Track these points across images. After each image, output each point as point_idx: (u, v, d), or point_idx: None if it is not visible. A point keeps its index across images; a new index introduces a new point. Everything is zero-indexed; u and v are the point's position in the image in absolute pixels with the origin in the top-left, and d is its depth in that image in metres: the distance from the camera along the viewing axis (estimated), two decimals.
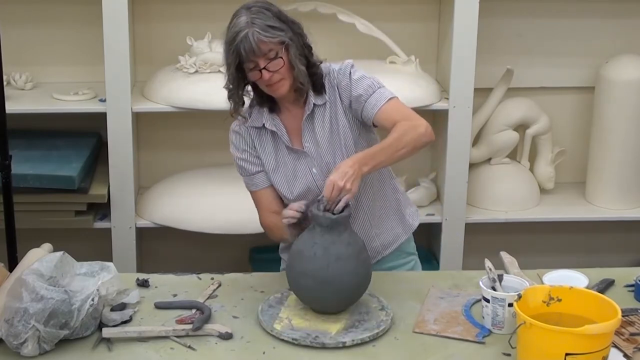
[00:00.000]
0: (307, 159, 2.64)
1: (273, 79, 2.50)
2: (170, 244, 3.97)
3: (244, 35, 2.45)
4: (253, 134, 2.67)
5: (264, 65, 2.48)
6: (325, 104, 2.61)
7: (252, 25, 2.45)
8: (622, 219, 3.97)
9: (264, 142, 2.66)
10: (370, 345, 2.34)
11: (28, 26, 3.78)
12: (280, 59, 2.48)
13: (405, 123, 2.50)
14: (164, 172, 3.89)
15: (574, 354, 2.09)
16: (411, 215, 2.83)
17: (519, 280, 2.47)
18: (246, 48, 2.45)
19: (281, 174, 2.66)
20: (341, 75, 2.61)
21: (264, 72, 2.49)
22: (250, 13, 2.48)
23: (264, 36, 2.45)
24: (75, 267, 2.41)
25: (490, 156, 3.95)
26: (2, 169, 2.99)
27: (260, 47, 2.45)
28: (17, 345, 2.24)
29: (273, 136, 2.65)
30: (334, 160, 2.61)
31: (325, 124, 2.62)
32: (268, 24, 2.47)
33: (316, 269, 2.36)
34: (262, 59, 2.47)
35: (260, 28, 2.45)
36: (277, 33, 2.47)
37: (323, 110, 2.61)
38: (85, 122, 3.80)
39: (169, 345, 2.32)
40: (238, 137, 2.70)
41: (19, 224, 3.11)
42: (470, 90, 3.65)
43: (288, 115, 2.64)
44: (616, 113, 3.83)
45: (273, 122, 2.63)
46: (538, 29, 3.95)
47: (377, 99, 2.56)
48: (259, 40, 2.45)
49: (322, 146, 2.62)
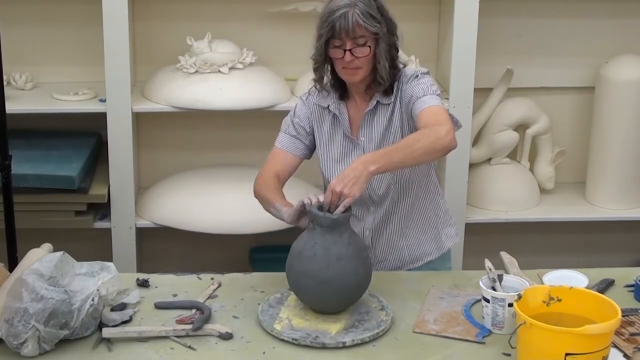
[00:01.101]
0: (358, 151, 2.67)
1: (352, 64, 2.54)
2: (170, 244, 3.97)
3: (343, 12, 2.48)
4: (315, 110, 2.72)
5: (350, 47, 2.52)
6: (390, 104, 2.64)
7: (354, 6, 2.49)
8: (622, 219, 3.97)
9: (322, 121, 2.71)
10: (370, 345, 2.34)
11: (28, 26, 3.78)
12: (367, 48, 2.53)
13: (430, 126, 2.48)
14: (164, 172, 3.89)
15: (574, 354, 2.09)
16: (448, 236, 2.83)
17: (519, 280, 2.47)
18: (341, 25, 2.49)
19: (331, 153, 2.71)
20: (407, 78, 2.63)
21: (347, 54, 2.52)
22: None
23: (362, 20, 2.49)
24: (75, 267, 2.41)
25: (490, 156, 3.95)
26: (2, 169, 2.99)
27: (355, 29, 2.49)
28: (17, 345, 2.24)
29: (334, 119, 2.69)
30: None
31: (383, 122, 2.65)
32: (369, 12, 2.51)
33: (316, 269, 2.36)
34: (351, 41, 2.51)
35: (361, 12, 2.49)
36: (375, 23, 2.51)
37: (385, 109, 2.65)
38: (85, 122, 3.80)
39: (169, 345, 2.32)
40: (301, 104, 2.75)
41: (19, 224, 3.11)
42: (470, 90, 3.65)
43: (354, 105, 2.69)
44: (616, 113, 3.83)
45: (338, 106, 2.68)
46: (538, 29, 3.95)
47: (424, 102, 2.56)
48: (356, 23, 2.49)
49: (374, 143, 2.66)
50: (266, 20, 3.81)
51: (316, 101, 2.72)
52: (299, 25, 3.79)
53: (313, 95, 2.73)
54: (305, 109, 2.74)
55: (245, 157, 3.91)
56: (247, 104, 3.57)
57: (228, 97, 3.54)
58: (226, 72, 3.60)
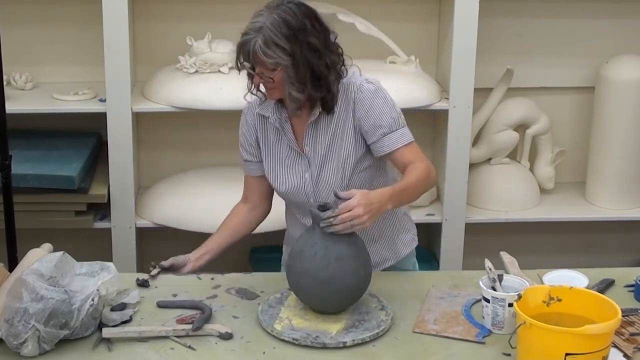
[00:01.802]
0: (303, 162, 2.63)
1: (266, 85, 2.50)
2: (170, 244, 3.95)
3: (248, 38, 2.41)
4: (257, 121, 2.67)
5: (258, 71, 2.47)
6: (334, 114, 2.57)
7: (260, 32, 2.40)
8: (622, 219, 3.97)
9: (267, 131, 2.66)
10: (370, 345, 2.34)
11: (28, 26, 3.78)
12: (271, 77, 2.45)
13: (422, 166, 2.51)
14: (164, 172, 3.89)
15: (574, 354, 2.09)
16: (404, 243, 2.79)
17: (519, 280, 2.47)
18: (245, 51, 2.44)
19: (276, 166, 2.66)
20: (363, 94, 2.54)
21: (256, 77, 2.48)
22: (269, 16, 2.41)
23: (261, 52, 2.40)
24: (75, 267, 2.41)
25: (490, 156, 3.95)
26: (2, 169, 2.99)
27: (254, 57, 2.43)
28: (17, 345, 2.24)
29: (276, 128, 2.64)
30: (327, 171, 2.60)
31: (328, 133, 2.59)
32: (274, 40, 2.40)
33: (316, 269, 2.36)
34: (259, 65, 2.45)
35: (264, 41, 2.40)
36: (279, 54, 2.41)
37: (329, 119, 2.58)
38: (85, 122, 3.79)
39: (169, 345, 2.32)
40: (243, 120, 2.71)
41: (19, 224, 3.11)
42: (470, 90, 3.65)
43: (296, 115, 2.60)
44: (616, 113, 3.83)
45: (280, 117, 2.61)
46: (538, 29, 3.95)
47: (397, 139, 2.54)
48: (254, 53, 2.42)
49: (319, 154, 2.60)
50: None
51: (258, 110, 2.64)
52: None
53: (254, 105, 2.66)
54: (247, 125, 2.68)
55: None
56: None
57: (228, 97, 3.54)
58: (226, 72, 3.60)
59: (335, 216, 2.33)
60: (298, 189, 2.64)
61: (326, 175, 2.61)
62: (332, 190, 2.48)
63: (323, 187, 2.62)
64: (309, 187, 2.62)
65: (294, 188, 2.64)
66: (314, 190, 2.63)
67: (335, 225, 2.33)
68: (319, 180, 2.62)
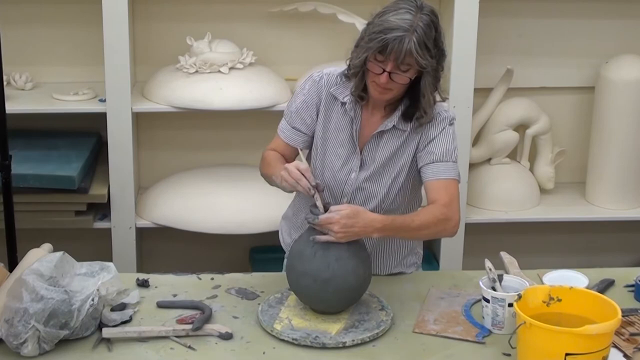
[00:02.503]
0: (356, 161, 2.58)
1: (387, 85, 2.42)
2: (170, 244, 3.97)
3: (400, 36, 2.33)
4: (326, 98, 2.59)
5: (390, 70, 2.39)
6: (405, 132, 2.54)
7: (413, 31, 2.34)
8: (622, 219, 3.97)
9: (331, 111, 2.58)
10: (370, 345, 2.34)
11: (28, 26, 3.77)
12: (407, 78, 2.40)
13: (441, 211, 2.46)
14: (164, 172, 3.89)
15: (574, 354, 2.09)
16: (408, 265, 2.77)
17: (519, 280, 2.47)
18: (394, 48, 2.34)
19: (329, 149, 2.59)
20: (437, 122, 2.53)
21: (384, 75, 2.39)
22: (419, 17, 2.37)
23: (416, 51, 2.34)
24: (75, 267, 2.41)
25: (490, 156, 3.95)
26: (2, 169, 2.99)
27: (405, 57, 2.35)
28: (17, 345, 2.24)
29: (344, 115, 2.57)
30: (375, 183, 2.58)
31: (391, 148, 2.56)
32: (426, 42, 2.36)
33: (316, 269, 2.36)
34: (394, 64, 2.37)
35: (418, 40, 2.34)
36: (427, 56, 2.37)
37: (397, 134, 2.55)
38: (85, 122, 3.79)
39: (169, 345, 2.32)
40: (311, 86, 2.60)
41: (19, 224, 3.11)
42: (470, 90, 3.65)
43: (367, 113, 2.57)
44: (616, 113, 3.83)
45: (354, 107, 2.55)
46: (538, 29, 3.95)
47: (443, 170, 2.51)
48: (408, 51, 2.34)
49: (376, 162, 2.57)
50: (266, 20, 3.81)
51: (333, 90, 2.56)
52: (299, 25, 3.80)
53: (328, 79, 2.58)
54: (315, 93, 2.59)
55: (245, 157, 3.90)
56: (247, 104, 3.57)
57: (228, 97, 3.54)
58: (226, 72, 3.60)
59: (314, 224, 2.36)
60: (338, 183, 2.60)
61: (371, 185, 2.58)
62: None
63: (362, 194, 2.59)
64: (349, 186, 2.59)
65: (335, 179, 2.60)
66: (353, 193, 2.60)
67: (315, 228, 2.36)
68: (363, 186, 2.59)
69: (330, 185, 2.61)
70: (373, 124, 2.57)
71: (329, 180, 2.60)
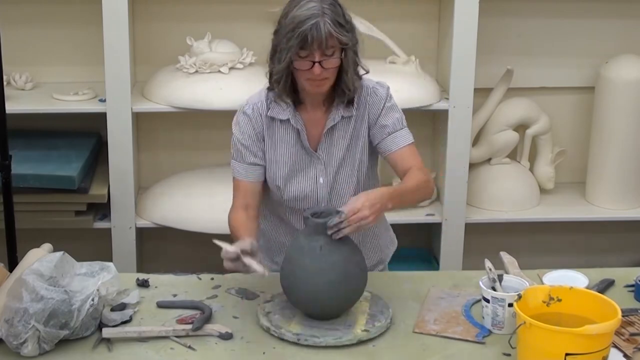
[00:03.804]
0: (319, 166, 2.58)
1: (321, 74, 2.40)
2: (170, 244, 3.97)
3: (314, 22, 2.33)
4: (265, 123, 2.57)
5: (319, 59, 2.37)
6: (351, 117, 2.54)
7: (323, 15, 2.34)
8: (622, 219, 3.97)
9: (275, 133, 2.57)
10: (370, 345, 2.33)
11: (28, 26, 3.78)
12: (336, 59, 2.40)
13: (423, 174, 2.51)
14: (164, 172, 3.89)
15: (574, 354, 2.08)
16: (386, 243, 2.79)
17: (519, 280, 2.47)
18: (314, 36, 2.33)
19: (284, 169, 2.58)
20: (376, 97, 2.55)
21: (316, 66, 2.37)
22: (322, 2, 2.37)
23: (334, 30, 2.34)
24: (75, 267, 2.40)
25: (490, 156, 3.95)
26: (2, 169, 3.00)
27: (327, 40, 2.34)
28: (17, 345, 2.24)
29: (287, 131, 2.55)
30: (343, 175, 2.58)
31: (346, 138, 2.56)
32: (338, 20, 2.37)
33: (310, 276, 2.32)
34: (320, 52, 2.37)
35: (332, 21, 2.35)
36: (344, 33, 2.38)
37: (347, 123, 2.55)
38: (85, 122, 3.80)
39: (169, 345, 2.32)
40: (247, 121, 2.58)
41: (19, 224, 3.11)
42: (470, 90, 3.65)
43: (307, 114, 2.55)
44: (616, 113, 3.83)
45: (296, 119, 2.54)
46: (538, 29, 3.95)
47: (400, 138, 2.54)
48: (328, 33, 2.34)
49: (335, 158, 2.57)
50: (266, 20, 3.79)
51: (269, 113, 2.54)
52: None
53: (260, 107, 2.55)
54: (251, 126, 2.56)
55: None
56: None
57: (228, 97, 3.54)
58: (226, 72, 3.60)
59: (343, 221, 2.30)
60: (310, 194, 2.59)
61: (341, 180, 2.58)
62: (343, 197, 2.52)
63: (337, 191, 2.59)
64: (322, 191, 2.59)
65: (305, 193, 2.59)
66: (328, 195, 2.59)
67: (343, 229, 2.31)
68: (335, 184, 2.59)
69: (300, 200, 2.59)
70: (318, 123, 2.55)
71: (299, 196, 2.59)
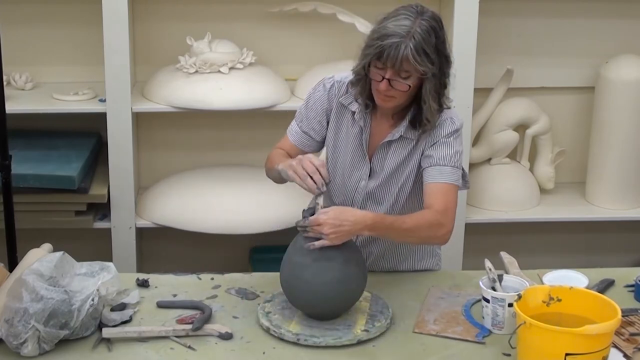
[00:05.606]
0: (366, 170, 2.57)
1: (388, 92, 2.40)
2: (170, 244, 3.97)
3: (396, 42, 2.31)
4: (337, 106, 2.58)
5: (389, 77, 2.37)
6: (413, 140, 2.52)
7: (411, 37, 2.31)
8: (622, 219, 3.97)
9: (341, 120, 2.57)
10: (370, 345, 2.33)
11: (28, 26, 3.77)
12: (407, 85, 2.37)
13: (434, 217, 2.42)
14: (164, 172, 3.89)
15: (574, 354, 2.09)
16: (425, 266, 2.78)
17: (519, 280, 2.47)
18: (389, 54, 2.32)
19: (340, 158, 2.59)
20: (441, 129, 2.49)
21: (384, 82, 2.37)
22: (418, 22, 2.34)
23: (413, 57, 2.31)
24: (75, 267, 2.41)
25: (490, 156, 3.95)
26: (2, 169, 2.99)
27: (402, 63, 2.33)
28: (17, 345, 2.24)
29: (353, 125, 2.55)
30: (384, 191, 2.57)
31: (399, 156, 2.54)
32: (424, 48, 2.33)
33: (310, 276, 2.33)
34: (393, 71, 2.36)
35: (415, 47, 2.31)
36: (426, 62, 2.34)
37: (406, 143, 2.53)
38: (85, 122, 3.80)
39: (169, 345, 2.32)
40: (322, 93, 2.59)
41: (19, 224, 3.11)
42: (470, 90, 3.65)
43: (376, 121, 2.55)
44: (616, 113, 3.83)
45: (363, 116, 2.53)
46: (538, 29, 3.95)
47: (439, 173, 2.47)
48: (405, 57, 2.32)
49: (384, 171, 2.56)
50: (266, 20, 3.81)
51: (342, 99, 2.56)
52: (299, 25, 3.80)
53: (338, 87, 2.57)
54: (326, 100, 2.58)
55: (245, 157, 3.91)
56: (247, 104, 3.57)
57: (228, 97, 3.54)
58: (226, 72, 3.60)
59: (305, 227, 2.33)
60: (348, 190, 2.60)
61: (382, 193, 2.58)
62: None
63: (372, 201, 2.59)
64: (359, 194, 2.59)
65: (344, 187, 2.60)
66: (362, 200, 2.59)
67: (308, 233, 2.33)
68: (373, 193, 2.59)
69: (337, 190, 2.61)
70: (381, 133, 2.56)
71: (338, 187, 2.61)
